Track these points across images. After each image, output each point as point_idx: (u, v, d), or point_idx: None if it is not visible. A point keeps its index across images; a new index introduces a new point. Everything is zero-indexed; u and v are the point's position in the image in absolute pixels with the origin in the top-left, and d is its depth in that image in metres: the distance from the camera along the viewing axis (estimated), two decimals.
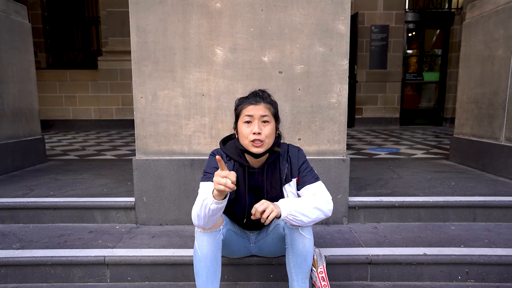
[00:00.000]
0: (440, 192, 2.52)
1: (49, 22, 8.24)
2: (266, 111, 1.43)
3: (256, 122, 1.41)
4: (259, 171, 1.51)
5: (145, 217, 2.29)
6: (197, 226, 1.38)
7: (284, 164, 1.54)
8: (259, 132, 1.40)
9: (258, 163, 1.52)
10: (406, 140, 5.69)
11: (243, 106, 1.46)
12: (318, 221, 1.41)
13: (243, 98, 1.50)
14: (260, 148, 1.42)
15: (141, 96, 2.19)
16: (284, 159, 1.55)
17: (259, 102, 1.44)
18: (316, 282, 1.54)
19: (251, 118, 1.42)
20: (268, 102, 1.47)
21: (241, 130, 1.45)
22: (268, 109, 1.44)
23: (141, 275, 1.87)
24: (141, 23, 2.14)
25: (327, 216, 1.42)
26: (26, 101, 3.56)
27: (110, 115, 7.79)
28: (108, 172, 3.24)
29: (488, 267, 1.85)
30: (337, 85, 2.18)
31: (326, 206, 1.41)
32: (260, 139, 1.40)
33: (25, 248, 1.95)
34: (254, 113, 1.42)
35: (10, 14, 3.33)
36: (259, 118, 1.42)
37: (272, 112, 1.47)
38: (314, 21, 2.13)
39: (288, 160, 1.54)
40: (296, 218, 1.33)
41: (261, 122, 1.42)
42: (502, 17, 3.04)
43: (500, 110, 3.06)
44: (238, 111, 1.48)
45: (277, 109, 1.51)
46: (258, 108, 1.42)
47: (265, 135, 1.41)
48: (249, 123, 1.43)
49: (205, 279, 1.42)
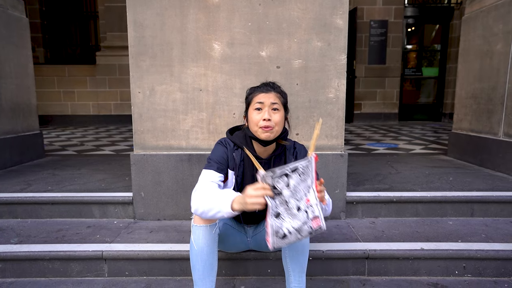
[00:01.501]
0: (438, 187, 2.52)
1: (47, 17, 8.19)
2: (277, 99, 1.46)
3: (267, 109, 1.44)
4: (266, 162, 1.53)
5: (143, 212, 2.29)
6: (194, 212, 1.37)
7: (290, 158, 1.56)
8: (269, 119, 1.42)
9: (265, 152, 1.54)
10: (405, 136, 5.69)
11: (254, 94, 1.49)
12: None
13: (254, 87, 1.53)
14: (269, 133, 1.43)
15: (138, 91, 2.18)
16: (291, 153, 1.57)
17: (270, 90, 1.47)
18: None
19: (262, 105, 1.45)
20: (279, 92, 1.50)
21: (251, 117, 1.47)
22: (278, 97, 1.47)
23: (139, 269, 1.87)
24: (138, 17, 2.12)
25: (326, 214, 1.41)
26: (24, 97, 3.55)
27: (109, 111, 7.77)
28: (106, 167, 3.24)
29: (485, 261, 1.86)
30: (335, 80, 2.18)
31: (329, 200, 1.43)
32: (270, 125, 1.42)
33: (23, 243, 1.95)
34: (264, 100, 1.45)
35: (7, 9, 3.31)
36: (270, 106, 1.44)
37: (282, 101, 1.49)
38: (312, 16, 2.12)
39: (295, 155, 1.57)
40: None
41: (271, 109, 1.45)
42: (501, 11, 3.03)
43: (499, 105, 3.06)
44: (250, 99, 1.51)
45: (286, 99, 1.54)
46: (269, 96, 1.45)
47: (275, 122, 1.44)
48: (260, 110, 1.45)
49: (202, 273, 1.43)
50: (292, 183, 1.21)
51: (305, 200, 1.22)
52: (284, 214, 1.20)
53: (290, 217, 1.20)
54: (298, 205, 1.22)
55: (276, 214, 1.19)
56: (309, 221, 1.21)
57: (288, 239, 1.20)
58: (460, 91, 3.68)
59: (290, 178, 1.21)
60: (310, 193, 1.23)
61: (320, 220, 1.23)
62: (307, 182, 1.23)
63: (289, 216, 1.20)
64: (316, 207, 1.23)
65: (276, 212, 1.19)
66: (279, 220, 1.20)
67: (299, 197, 1.22)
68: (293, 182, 1.21)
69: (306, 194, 1.23)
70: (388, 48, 7.83)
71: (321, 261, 1.87)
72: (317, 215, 1.22)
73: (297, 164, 1.21)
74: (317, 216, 1.22)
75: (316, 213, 1.22)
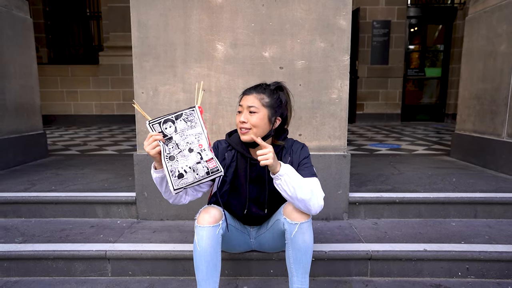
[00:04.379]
0: (441, 188, 2.52)
1: (51, 17, 8.23)
2: (255, 102, 1.45)
3: (244, 111, 1.47)
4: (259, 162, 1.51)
5: (146, 212, 2.30)
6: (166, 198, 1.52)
7: (286, 157, 1.55)
8: (243, 121, 1.45)
9: None
10: (407, 136, 5.68)
11: (240, 97, 1.53)
12: (305, 209, 1.40)
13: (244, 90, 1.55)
14: (245, 136, 1.47)
15: (142, 92, 2.19)
16: (288, 153, 1.57)
17: (251, 92, 1.49)
18: None
19: (241, 108, 1.49)
20: (261, 93, 1.48)
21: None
22: (258, 99, 1.46)
23: (142, 269, 1.88)
24: (142, 18, 2.13)
25: (314, 210, 1.40)
26: (28, 96, 3.56)
27: (111, 110, 7.79)
28: (109, 167, 3.25)
29: (488, 263, 1.85)
30: (338, 80, 2.17)
31: (317, 197, 1.40)
32: (245, 127, 1.46)
33: (27, 242, 1.97)
34: (243, 103, 1.48)
35: (11, 9, 3.33)
36: (247, 108, 1.46)
37: (266, 102, 1.46)
38: (315, 16, 2.12)
39: (290, 154, 1.56)
40: (288, 184, 1.36)
41: (248, 112, 1.46)
42: (505, 12, 3.02)
43: (502, 106, 3.05)
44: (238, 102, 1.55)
45: (277, 99, 1.50)
46: (247, 99, 1.47)
47: (252, 124, 1.45)
48: (240, 112, 1.49)
49: (205, 273, 1.43)
50: (179, 127, 1.39)
51: (198, 145, 1.38)
52: (178, 156, 1.36)
53: (184, 158, 1.36)
54: (190, 148, 1.37)
55: (170, 157, 1.36)
56: (204, 162, 1.36)
57: (186, 179, 1.35)
58: (463, 92, 3.67)
59: (177, 124, 1.39)
60: (202, 139, 1.39)
61: (215, 161, 1.37)
62: (197, 129, 1.39)
63: (182, 157, 1.36)
64: (209, 150, 1.38)
65: (169, 155, 1.36)
66: (173, 162, 1.36)
67: (190, 141, 1.38)
68: (180, 127, 1.39)
69: (199, 139, 1.38)
70: (391, 48, 7.81)
71: (323, 262, 1.87)
72: (212, 157, 1.37)
73: (181, 112, 1.40)
74: (212, 157, 1.37)
75: (210, 155, 1.37)
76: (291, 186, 1.35)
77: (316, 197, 1.40)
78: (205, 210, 1.47)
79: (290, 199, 1.40)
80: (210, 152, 1.38)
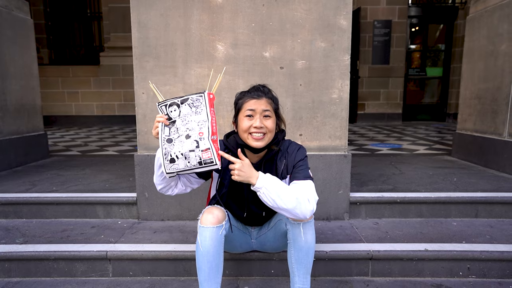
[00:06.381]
0: (442, 188, 2.51)
1: (51, 18, 8.23)
2: (268, 106, 1.44)
3: (258, 116, 1.42)
4: (257, 166, 1.50)
5: (147, 212, 2.30)
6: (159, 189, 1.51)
7: (281, 160, 1.53)
8: (261, 126, 1.41)
9: (256, 158, 1.53)
10: (409, 136, 5.67)
11: (244, 100, 1.46)
12: (292, 216, 1.35)
13: (244, 92, 1.50)
14: (260, 142, 1.42)
15: (142, 92, 2.19)
16: (283, 156, 1.54)
17: (261, 96, 1.45)
18: None
19: (253, 113, 1.42)
20: (270, 97, 1.47)
21: (241, 124, 1.45)
22: (270, 104, 1.45)
23: (143, 270, 1.88)
24: (142, 18, 2.13)
25: (302, 216, 1.34)
26: (29, 97, 3.57)
27: (112, 111, 7.81)
28: (110, 168, 3.25)
29: (489, 263, 1.85)
30: (338, 80, 2.17)
31: (305, 203, 1.33)
32: (262, 132, 1.41)
33: (28, 243, 1.97)
34: (256, 107, 1.42)
35: (12, 10, 3.33)
36: (261, 113, 1.42)
37: (273, 107, 1.47)
38: (315, 16, 2.12)
39: (286, 157, 1.53)
40: (267, 196, 1.31)
41: (263, 116, 1.42)
42: (506, 11, 3.01)
43: (504, 105, 3.04)
44: (239, 105, 1.48)
45: (277, 105, 1.51)
46: (260, 103, 1.43)
47: (268, 129, 1.42)
48: (251, 117, 1.43)
49: (207, 274, 1.43)
50: (183, 112, 1.35)
51: (198, 133, 1.33)
52: (176, 140, 1.34)
53: (180, 144, 1.33)
54: (188, 134, 1.33)
55: (168, 139, 1.35)
56: (199, 151, 1.32)
57: (177, 164, 1.33)
58: (465, 91, 3.66)
59: (181, 108, 1.36)
60: (204, 127, 1.33)
61: (211, 152, 1.32)
62: (201, 116, 1.34)
63: (179, 142, 1.34)
64: (208, 140, 1.32)
65: (168, 138, 1.35)
66: (170, 145, 1.34)
67: (190, 127, 1.34)
68: (184, 112, 1.35)
69: (201, 127, 1.33)
70: (392, 48, 7.80)
71: (324, 262, 1.86)
72: (208, 147, 1.32)
73: (187, 96, 1.36)
74: (208, 148, 1.32)
75: (208, 146, 1.32)
76: (270, 198, 1.31)
77: (302, 204, 1.32)
78: (208, 210, 1.46)
79: (273, 209, 1.36)
80: (209, 142, 1.32)
